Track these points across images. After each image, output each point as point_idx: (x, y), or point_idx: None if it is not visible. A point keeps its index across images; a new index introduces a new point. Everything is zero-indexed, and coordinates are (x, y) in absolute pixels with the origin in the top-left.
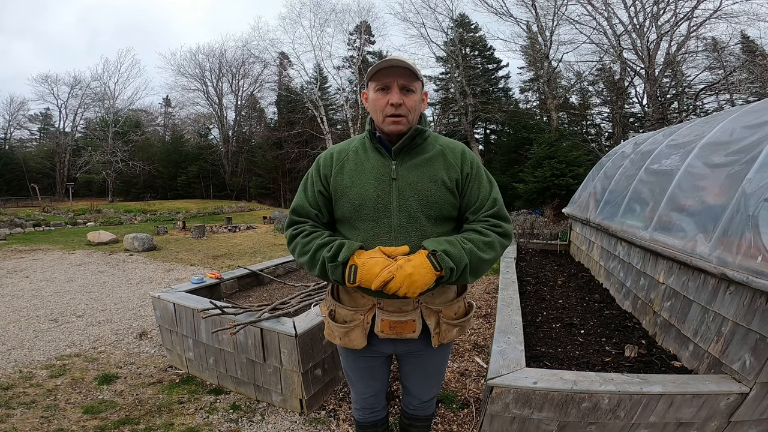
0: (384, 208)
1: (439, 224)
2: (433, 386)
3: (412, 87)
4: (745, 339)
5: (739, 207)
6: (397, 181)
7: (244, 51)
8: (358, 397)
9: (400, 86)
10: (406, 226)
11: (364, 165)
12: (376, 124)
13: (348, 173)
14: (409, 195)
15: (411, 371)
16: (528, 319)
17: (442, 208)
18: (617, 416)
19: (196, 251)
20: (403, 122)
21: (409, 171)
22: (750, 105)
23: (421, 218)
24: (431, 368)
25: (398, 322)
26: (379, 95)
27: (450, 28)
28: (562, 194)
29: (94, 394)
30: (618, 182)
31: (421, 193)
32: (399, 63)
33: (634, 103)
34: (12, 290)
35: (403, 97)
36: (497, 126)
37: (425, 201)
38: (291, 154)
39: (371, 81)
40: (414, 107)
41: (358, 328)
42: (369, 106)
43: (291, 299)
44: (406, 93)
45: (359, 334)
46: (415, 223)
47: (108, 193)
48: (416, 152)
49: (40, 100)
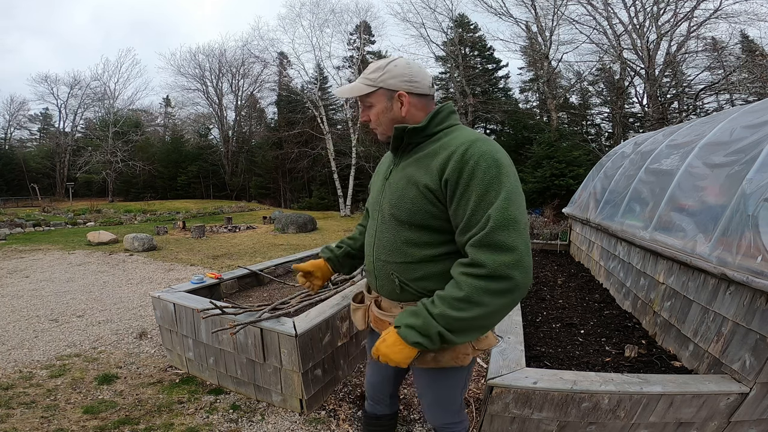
0: (376, 205)
1: (412, 230)
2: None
3: (367, 102)
4: (745, 339)
5: (739, 207)
6: (388, 180)
7: (244, 51)
8: (366, 382)
9: (362, 104)
10: (382, 227)
11: (383, 165)
12: None
13: (375, 174)
14: (388, 194)
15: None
16: (528, 319)
17: (412, 214)
18: (617, 416)
19: (196, 251)
20: (379, 132)
21: (399, 171)
22: (750, 105)
23: (390, 219)
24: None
25: (379, 319)
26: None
27: (449, 28)
28: (562, 194)
29: (94, 394)
30: (618, 182)
31: (395, 194)
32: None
33: (634, 103)
34: (12, 290)
35: (367, 112)
36: (497, 126)
37: (395, 203)
38: (291, 154)
39: None
40: (378, 118)
41: (361, 310)
42: None
43: (291, 299)
44: (366, 109)
45: (360, 317)
46: (388, 224)
47: (108, 193)
48: (415, 151)
49: (40, 100)
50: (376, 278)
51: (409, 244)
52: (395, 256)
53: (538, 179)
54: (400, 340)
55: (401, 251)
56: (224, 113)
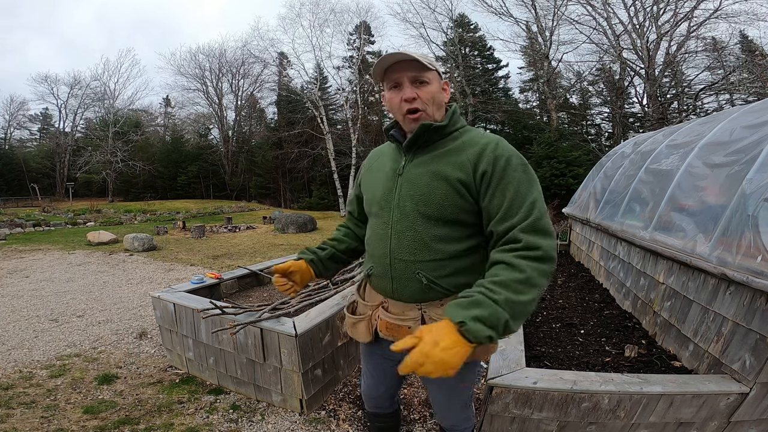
0: (386, 204)
1: (439, 226)
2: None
3: (424, 78)
4: (745, 339)
5: (739, 207)
6: (402, 176)
7: (244, 51)
8: (365, 394)
9: (411, 79)
10: (401, 223)
11: (384, 162)
12: (399, 123)
13: (372, 171)
14: (407, 191)
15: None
16: (528, 319)
17: (443, 209)
18: (617, 416)
19: (196, 251)
20: (421, 117)
21: (416, 167)
22: (750, 105)
23: (416, 217)
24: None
25: (394, 325)
26: (392, 94)
27: (449, 28)
28: (562, 194)
29: (94, 394)
30: (618, 182)
31: (419, 189)
32: (403, 57)
33: (634, 103)
34: (12, 290)
35: (416, 90)
36: (497, 126)
37: (421, 198)
38: (291, 154)
39: (384, 81)
40: (431, 99)
41: (364, 321)
42: (388, 107)
43: (291, 299)
44: (419, 85)
45: (364, 328)
46: (409, 221)
47: (108, 193)
48: (432, 148)
49: (40, 100)
50: (391, 281)
51: (438, 241)
52: (422, 254)
53: (538, 179)
54: (461, 340)
55: (429, 248)
56: (224, 113)
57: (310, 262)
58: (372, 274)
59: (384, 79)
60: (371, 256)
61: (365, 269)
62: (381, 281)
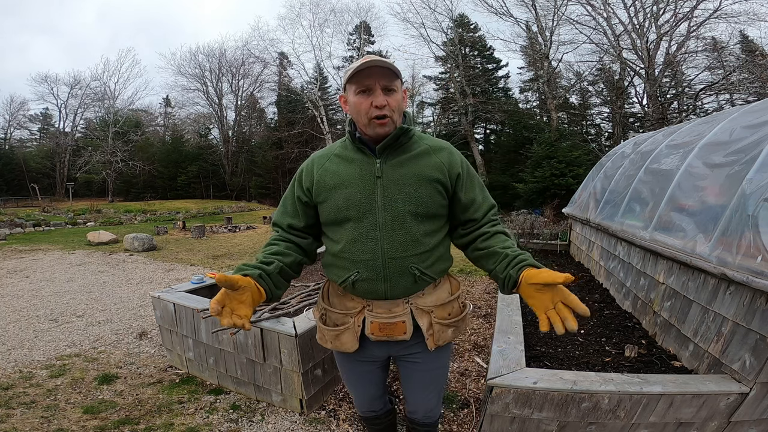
0: (369, 206)
1: (426, 222)
2: (431, 397)
3: (393, 86)
4: (745, 339)
5: (739, 207)
6: (382, 179)
7: (244, 51)
8: (358, 403)
9: (383, 87)
10: (392, 224)
11: (349, 166)
12: (359, 127)
13: (331, 176)
14: (395, 193)
15: (408, 376)
16: (528, 319)
17: (429, 206)
18: (617, 416)
19: (196, 251)
20: (388, 123)
21: (394, 169)
22: (750, 105)
23: (407, 216)
24: (429, 375)
25: (387, 324)
26: (360, 98)
27: (449, 28)
28: (562, 194)
29: (94, 394)
30: (618, 182)
31: (407, 190)
32: (379, 63)
33: (634, 103)
34: (12, 290)
35: (386, 97)
36: (497, 126)
37: (411, 199)
38: (291, 154)
39: (350, 83)
40: (398, 107)
41: (348, 330)
42: (350, 109)
43: (291, 299)
44: (389, 93)
45: (350, 337)
46: (400, 221)
47: (108, 193)
48: (401, 150)
49: (40, 100)
50: (384, 281)
51: (425, 235)
52: (413, 249)
53: (538, 179)
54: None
55: (419, 242)
56: (224, 113)
57: (259, 278)
58: (357, 280)
59: (351, 82)
60: (353, 262)
61: (345, 277)
62: (371, 284)
